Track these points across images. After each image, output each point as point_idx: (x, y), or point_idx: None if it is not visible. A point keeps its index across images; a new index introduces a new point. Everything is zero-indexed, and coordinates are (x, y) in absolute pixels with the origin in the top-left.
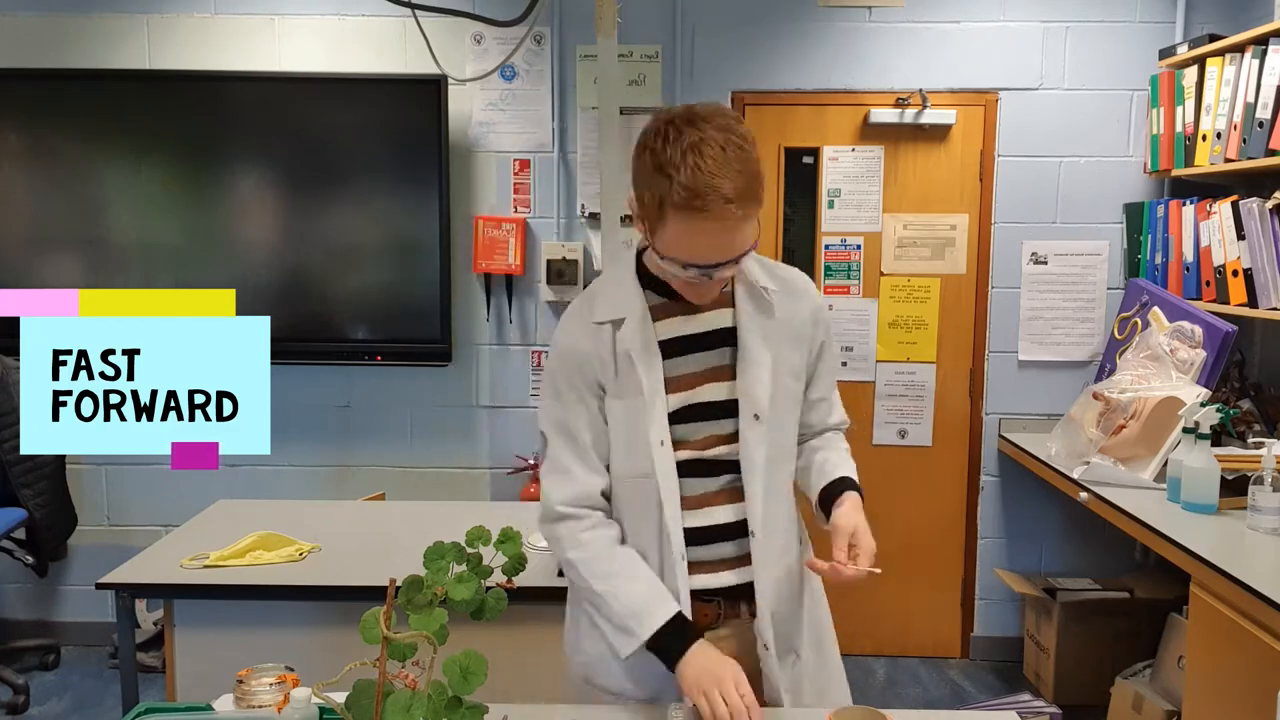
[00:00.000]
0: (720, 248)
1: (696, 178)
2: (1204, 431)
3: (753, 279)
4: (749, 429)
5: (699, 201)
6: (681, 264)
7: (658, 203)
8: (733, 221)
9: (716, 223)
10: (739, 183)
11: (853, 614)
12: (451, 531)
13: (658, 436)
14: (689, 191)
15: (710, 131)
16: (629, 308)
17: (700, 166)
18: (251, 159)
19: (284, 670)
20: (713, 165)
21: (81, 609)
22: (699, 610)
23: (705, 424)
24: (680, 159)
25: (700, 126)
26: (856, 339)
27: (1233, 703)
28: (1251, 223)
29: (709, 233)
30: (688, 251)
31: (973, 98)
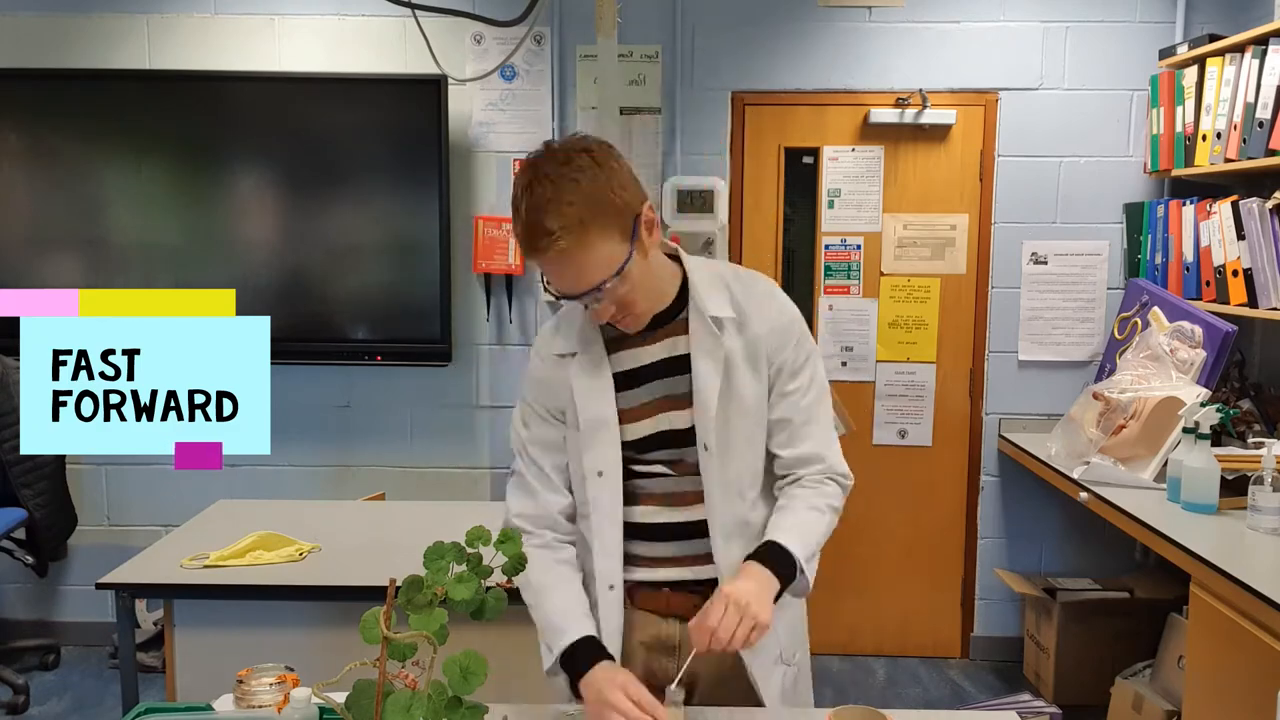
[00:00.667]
0: (572, 279)
1: (528, 217)
2: (1204, 431)
3: (702, 307)
4: (703, 458)
5: (531, 240)
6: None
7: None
8: (568, 254)
9: (552, 255)
10: (565, 214)
11: (853, 614)
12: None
13: (594, 467)
14: (523, 232)
15: (547, 166)
16: (584, 340)
17: (530, 206)
18: (251, 159)
19: (284, 670)
20: (538, 200)
21: (81, 609)
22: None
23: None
24: (519, 198)
25: (540, 166)
26: (856, 339)
27: (1233, 703)
28: (1251, 223)
29: (556, 267)
30: (552, 283)
31: (973, 98)
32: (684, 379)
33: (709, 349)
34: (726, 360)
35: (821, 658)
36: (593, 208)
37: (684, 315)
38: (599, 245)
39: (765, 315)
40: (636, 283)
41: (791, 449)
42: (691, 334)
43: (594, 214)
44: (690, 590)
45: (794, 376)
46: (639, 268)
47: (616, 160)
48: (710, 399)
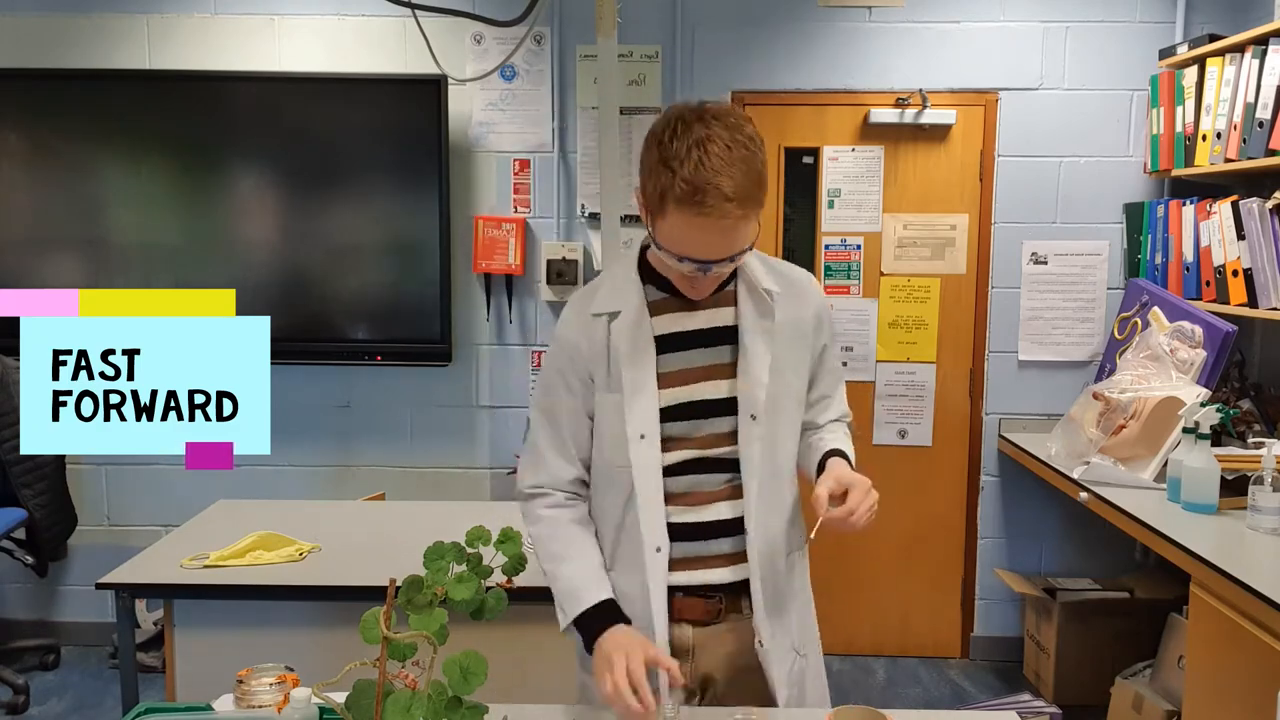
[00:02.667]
0: (717, 245)
1: (699, 173)
2: (1204, 431)
3: (755, 279)
4: (746, 428)
5: (699, 197)
6: (677, 257)
7: (660, 195)
8: (731, 220)
9: (715, 220)
10: (741, 182)
11: (853, 614)
12: (451, 531)
13: (637, 430)
14: (690, 186)
15: (717, 129)
16: (626, 301)
17: (704, 163)
18: (251, 159)
19: (284, 670)
20: (716, 163)
21: (81, 609)
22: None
23: (704, 421)
24: (685, 154)
25: (709, 124)
26: (856, 339)
27: (1233, 703)
28: (1251, 223)
29: (707, 229)
30: (685, 245)
31: (973, 98)
32: (725, 349)
33: (759, 320)
34: (776, 333)
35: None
36: (759, 184)
37: (730, 288)
38: (753, 219)
39: (806, 299)
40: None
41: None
42: (740, 305)
43: (759, 190)
44: (701, 595)
45: (826, 354)
46: None
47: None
48: (761, 369)
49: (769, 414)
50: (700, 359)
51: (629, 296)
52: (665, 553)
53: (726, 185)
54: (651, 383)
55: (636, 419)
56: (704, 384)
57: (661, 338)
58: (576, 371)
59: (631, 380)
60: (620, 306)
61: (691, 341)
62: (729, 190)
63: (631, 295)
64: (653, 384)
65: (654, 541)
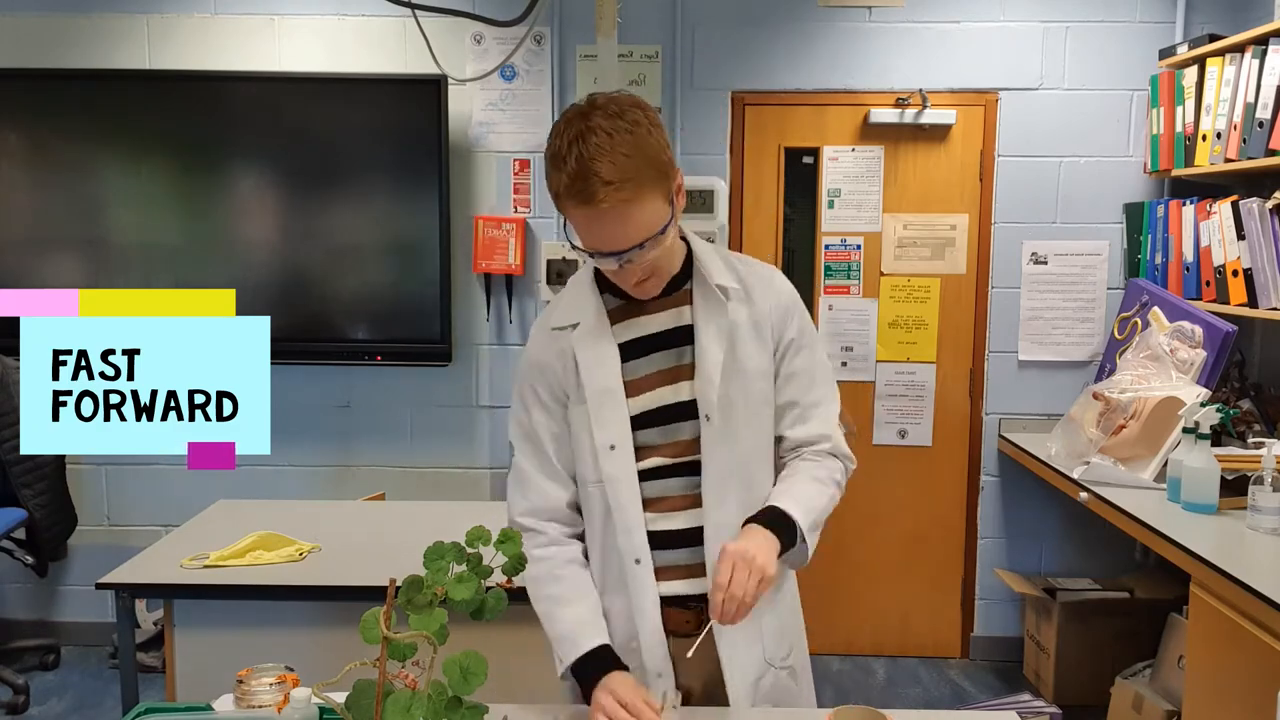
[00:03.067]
0: (617, 233)
1: (579, 165)
2: (1204, 431)
3: (708, 275)
4: (704, 430)
5: (580, 186)
6: (589, 254)
7: (555, 195)
8: (619, 205)
9: (603, 207)
10: (622, 164)
11: (853, 614)
12: (451, 531)
13: (606, 441)
14: (572, 179)
15: (597, 119)
16: (584, 312)
17: (583, 154)
18: (251, 159)
19: (284, 670)
20: (593, 150)
21: (81, 609)
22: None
23: (672, 426)
24: (567, 149)
25: (589, 116)
26: (856, 339)
27: (1233, 703)
28: (1251, 223)
29: (600, 219)
30: (590, 240)
31: (973, 98)
32: (687, 350)
33: (713, 318)
34: (731, 331)
35: (821, 658)
36: (646, 163)
37: (688, 287)
38: (648, 202)
39: (767, 292)
40: (667, 247)
41: (798, 430)
42: (695, 303)
43: (647, 169)
44: (685, 606)
45: (797, 354)
46: (671, 230)
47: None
48: (714, 368)
49: (723, 416)
50: (662, 362)
51: (586, 306)
52: (647, 564)
53: (606, 171)
54: (618, 390)
55: (605, 429)
56: (668, 388)
57: (624, 345)
58: (550, 389)
59: (596, 390)
60: (579, 318)
61: (653, 345)
62: (608, 175)
63: (589, 305)
64: (619, 392)
65: (633, 554)
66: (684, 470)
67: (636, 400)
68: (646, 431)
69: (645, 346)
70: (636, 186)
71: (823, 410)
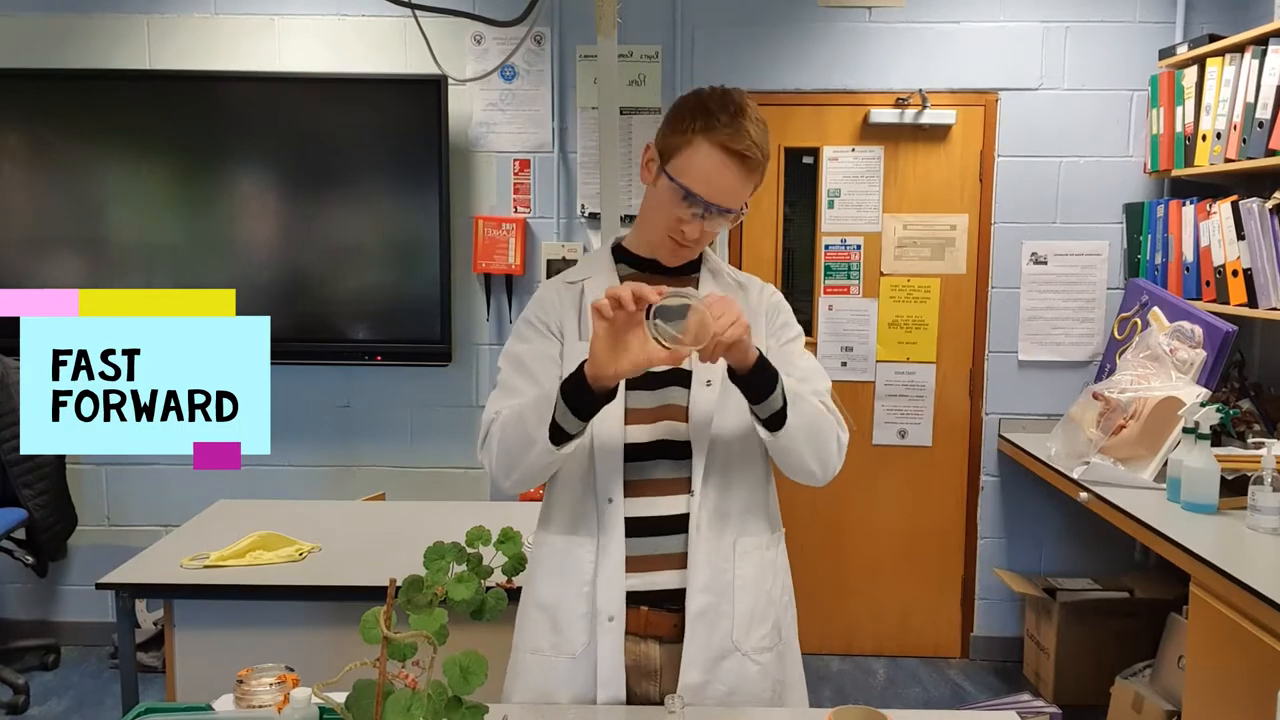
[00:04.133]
0: (733, 188)
1: (739, 121)
2: (1204, 431)
3: (716, 265)
4: (700, 394)
5: (738, 140)
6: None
7: (692, 130)
8: (750, 171)
9: (742, 161)
10: (764, 139)
11: (853, 614)
12: (451, 531)
13: None
14: (732, 130)
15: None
16: (599, 272)
17: (744, 113)
18: (251, 159)
19: (284, 670)
20: (750, 114)
21: (81, 609)
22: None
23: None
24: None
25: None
26: (856, 339)
27: (1233, 703)
28: (1251, 223)
29: (732, 165)
30: (704, 181)
31: (973, 98)
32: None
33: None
34: None
35: (821, 658)
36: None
37: (695, 275)
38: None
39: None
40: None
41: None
42: (702, 285)
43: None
44: (668, 608)
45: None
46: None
47: None
48: None
49: (724, 382)
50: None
51: (602, 269)
52: (619, 505)
53: (757, 135)
54: None
55: None
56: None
57: None
58: (549, 322)
59: None
60: (593, 275)
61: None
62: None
63: (604, 268)
64: None
65: (607, 493)
66: (674, 451)
67: None
68: (638, 393)
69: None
70: (761, 171)
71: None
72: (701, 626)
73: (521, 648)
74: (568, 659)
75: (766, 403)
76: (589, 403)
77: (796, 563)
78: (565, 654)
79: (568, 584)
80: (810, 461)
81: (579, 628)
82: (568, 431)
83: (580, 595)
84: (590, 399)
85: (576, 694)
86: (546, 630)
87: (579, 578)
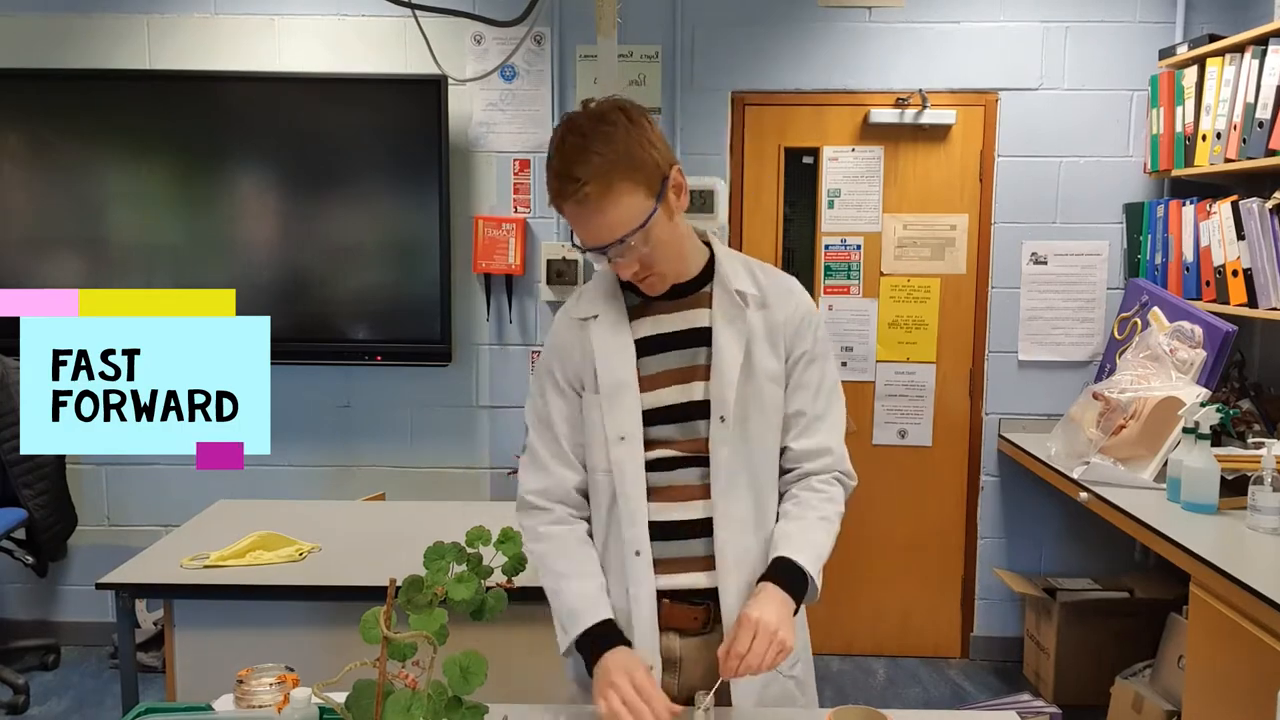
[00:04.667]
0: (599, 228)
1: (558, 168)
2: (1204, 431)
3: (728, 280)
4: (717, 430)
5: (559, 185)
6: (581, 249)
7: (550, 198)
8: (591, 201)
9: (580, 204)
10: (597, 163)
11: (853, 614)
12: (451, 531)
13: (617, 431)
14: (554, 182)
15: (579, 120)
16: (606, 305)
17: (561, 156)
18: (251, 159)
19: (284, 670)
20: (570, 152)
21: (81, 609)
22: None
23: (685, 425)
24: (554, 152)
25: (574, 120)
26: (856, 339)
27: (1233, 703)
28: (1251, 223)
29: (580, 215)
30: (579, 235)
31: (973, 98)
32: (702, 351)
33: (732, 321)
34: (749, 335)
35: (821, 658)
36: (620, 160)
37: (707, 289)
38: (624, 197)
39: (786, 303)
40: (661, 242)
41: (803, 441)
42: (715, 306)
43: (621, 166)
44: (689, 602)
45: (809, 366)
46: (663, 227)
47: (649, 120)
48: (731, 369)
49: (739, 418)
50: (677, 361)
51: (608, 300)
52: (646, 556)
53: (579, 170)
54: (632, 383)
55: (616, 419)
56: (681, 386)
57: (640, 340)
58: (567, 375)
59: (611, 382)
60: (600, 311)
61: (669, 344)
62: (580, 173)
63: (611, 299)
64: (633, 384)
65: (634, 544)
66: (696, 461)
67: (651, 395)
68: (658, 428)
69: (661, 344)
70: (606, 183)
71: (828, 423)
72: None
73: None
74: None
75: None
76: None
77: None
78: None
79: None
80: None
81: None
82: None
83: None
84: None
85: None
86: None
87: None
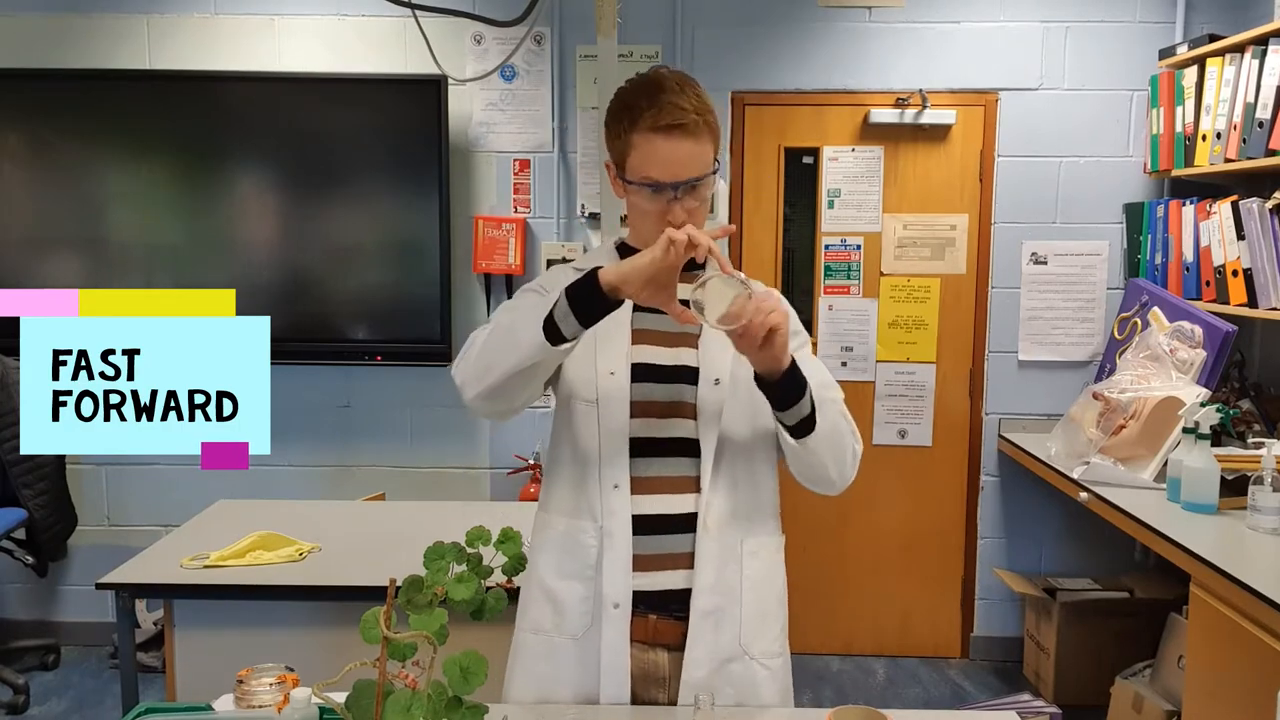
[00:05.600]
0: (684, 160)
1: (658, 98)
2: (1204, 431)
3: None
4: (708, 393)
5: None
6: (650, 186)
7: (626, 131)
8: (694, 132)
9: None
10: (696, 101)
11: (853, 614)
12: (451, 531)
13: (607, 367)
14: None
15: (666, 73)
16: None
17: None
18: (251, 159)
19: (284, 670)
20: (675, 86)
21: (81, 609)
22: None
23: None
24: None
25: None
26: (856, 339)
27: (1233, 703)
28: (1251, 223)
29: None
30: (654, 167)
31: (973, 98)
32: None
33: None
34: None
35: (821, 658)
36: (709, 111)
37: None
38: (709, 141)
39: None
40: (705, 201)
41: None
42: None
43: (711, 115)
44: (675, 616)
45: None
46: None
47: None
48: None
49: (733, 381)
50: (669, 324)
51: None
52: (625, 489)
53: (687, 101)
54: (626, 324)
55: (608, 356)
56: (673, 349)
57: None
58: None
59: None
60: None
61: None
62: (688, 105)
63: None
64: (626, 325)
65: (613, 478)
66: (682, 449)
67: (641, 349)
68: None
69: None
70: (706, 121)
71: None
72: (708, 628)
73: (523, 627)
74: (570, 640)
75: (794, 409)
76: (594, 305)
77: (797, 563)
78: (567, 635)
79: (569, 565)
80: (830, 470)
81: (581, 610)
82: (563, 334)
83: (583, 579)
84: (596, 301)
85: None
86: (548, 611)
87: (581, 560)
